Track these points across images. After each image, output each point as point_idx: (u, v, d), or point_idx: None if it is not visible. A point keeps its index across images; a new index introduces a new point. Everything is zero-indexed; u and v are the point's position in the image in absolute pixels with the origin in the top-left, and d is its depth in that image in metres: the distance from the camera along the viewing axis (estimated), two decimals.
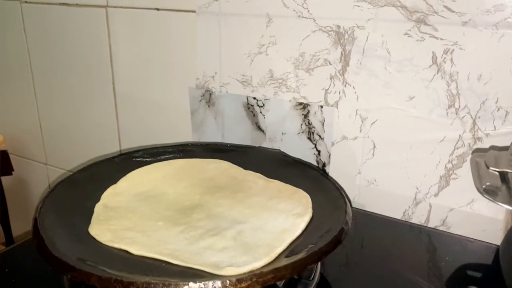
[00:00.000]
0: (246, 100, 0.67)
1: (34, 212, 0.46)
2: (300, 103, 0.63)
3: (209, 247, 0.43)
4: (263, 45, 0.63)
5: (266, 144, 0.68)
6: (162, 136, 0.78)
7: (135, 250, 0.43)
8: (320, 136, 0.63)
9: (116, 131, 0.84)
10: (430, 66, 0.53)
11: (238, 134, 0.70)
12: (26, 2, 0.86)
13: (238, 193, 0.53)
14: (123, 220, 0.48)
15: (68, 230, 0.45)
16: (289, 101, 0.64)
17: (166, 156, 0.62)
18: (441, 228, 0.58)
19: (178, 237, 0.45)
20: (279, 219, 0.48)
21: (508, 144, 0.50)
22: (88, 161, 0.75)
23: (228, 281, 0.36)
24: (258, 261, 0.40)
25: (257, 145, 0.68)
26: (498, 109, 0.51)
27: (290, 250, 0.43)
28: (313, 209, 0.50)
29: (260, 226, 0.47)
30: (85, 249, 0.42)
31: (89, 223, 0.47)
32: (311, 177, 0.56)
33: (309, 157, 0.64)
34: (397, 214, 0.60)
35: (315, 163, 0.64)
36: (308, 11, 0.58)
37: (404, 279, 0.48)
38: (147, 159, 0.61)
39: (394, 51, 0.55)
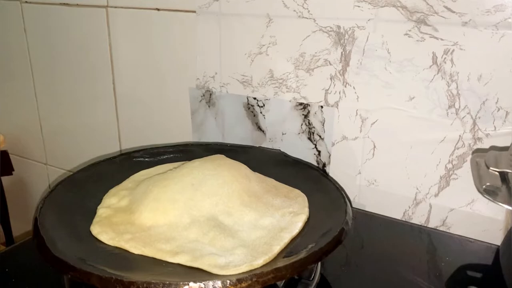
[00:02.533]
0: (246, 100, 0.67)
1: (34, 212, 0.46)
2: (300, 103, 0.63)
3: (209, 245, 0.43)
4: (264, 45, 0.63)
5: (266, 144, 0.68)
6: (162, 136, 0.78)
7: (136, 250, 0.43)
8: (320, 136, 0.63)
9: (116, 131, 0.84)
10: (430, 66, 0.53)
11: (238, 134, 0.70)
12: (26, 2, 0.86)
13: (236, 187, 0.52)
14: (125, 220, 0.48)
15: (68, 230, 0.45)
16: (289, 101, 0.64)
17: (166, 156, 0.62)
18: (441, 228, 0.58)
19: (179, 236, 0.45)
20: (276, 216, 0.48)
21: (508, 144, 0.50)
22: (88, 161, 0.75)
23: (228, 281, 0.36)
24: (257, 260, 0.40)
25: (257, 145, 0.68)
26: (498, 110, 0.51)
27: (290, 250, 0.43)
28: (312, 209, 0.50)
29: (257, 222, 0.46)
30: (85, 249, 0.42)
31: (90, 223, 0.47)
32: (311, 177, 0.56)
33: (309, 157, 0.64)
34: (397, 214, 0.60)
35: (315, 163, 0.64)
36: (309, 11, 0.58)
37: (404, 279, 0.48)
38: (147, 159, 0.61)
39: (394, 52, 0.55)
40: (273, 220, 0.47)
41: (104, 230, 0.45)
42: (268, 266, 0.39)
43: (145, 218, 0.47)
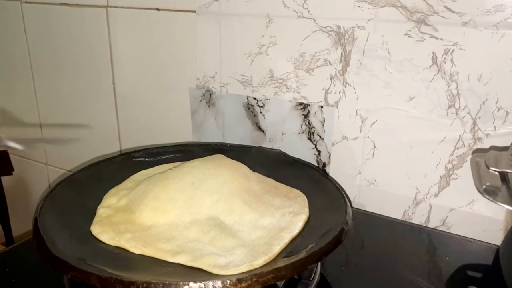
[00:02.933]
0: (246, 100, 0.67)
1: (34, 212, 0.46)
2: (300, 103, 0.63)
3: (209, 244, 0.43)
4: (263, 45, 0.63)
5: (266, 144, 0.68)
6: (162, 136, 0.78)
7: (136, 250, 0.43)
8: (320, 136, 0.63)
9: (116, 131, 0.84)
10: (430, 66, 0.53)
11: (238, 134, 0.70)
12: (26, 2, 0.86)
13: (236, 186, 0.52)
14: (125, 219, 0.48)
15: (68, 230, 0.45)
16: (289, 101, 0.64)
17: (166, 156, 0.62)
18: (441, 228, 0.58)
19: (179, 235, 0.45)
20: (276, 215, 0.48)
21: (508, 144, 0.50)
22: (88, 161, 0.75)
23: (228, 281, 0.36)
24: (257, 260, 0.40)
25: (257, 145, 0.68)
26: (498, 109, 0.51)
27: (290, 250, 0.43)
28: (312, 209, 0.50)
29: (257, 221, 0.46)
30: (85, 249, 0.42)
31: (90, 223, 0.47)
32: (311, 177, 0.56)
33: (309, 157, 0.64)
34: (397, 214, 0.60)
35: (315, 163, 0.64)
36: (309, 11, 0.58)
37: (404, 279, 0.48)
38: (147, 159, 0.61)
39: (394, 51, 0.55)
40: (273, 220, 0.47)
41: (104, 230, 0.45)
42: (268, 266, 0.39)
43: (145, 218, 0.47)
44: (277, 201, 0.51)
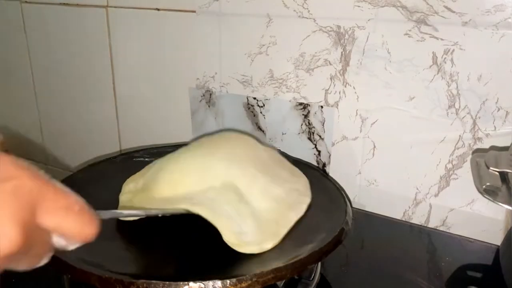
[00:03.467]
0: (246, 100, 0.67)
1: None
2: (300, 103, 0.63)
3: (225, 203, 0.44)
4: (264, 45, 0.63)
5: None
6: (162, 136, 0.78)
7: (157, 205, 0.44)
8: (320, 136, 0.63)
9: (116, 131, 0.84)
10: (430, 66, 0.53)
11: None
12: (26, 2, 0.86)
13: (246, 153, 0.54)
14: (144, 197, 0.49)
15: None
16: (289, 101, 0.64)
17: None
18: (441, 228, 0.58)
19: (197, 196, 0.46)
20: (285, 187, 0.49)
21: (508, 144, 0.50)
22: (88, 161, 0.75)
23: (228, 281, 0.36)
24: (266, 243, 0.42)
25: None
26: (498, 109, 0.51)
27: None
28: (313, 209, 0.50)
29: (268, 187, 0.48)
30: (85, 249, 0.42)
31: None
32: (311, 177, 0.56)
33: (309, 157, 0.64)
34: (397, 214, 0.60)
35: (315, 163, 0.64)
36: (309, 11, 0.58)
37: (404, 279, 0.48)
38: (147, 159, 0.61)
39: (394, 51, 0.55)
40: (282, 192, 0.48)
41: (133, 204, 0.47)
42: (268, 266, 0.39)
43: (163, 189, 0.48)
44: (285, 174, 0.52)
